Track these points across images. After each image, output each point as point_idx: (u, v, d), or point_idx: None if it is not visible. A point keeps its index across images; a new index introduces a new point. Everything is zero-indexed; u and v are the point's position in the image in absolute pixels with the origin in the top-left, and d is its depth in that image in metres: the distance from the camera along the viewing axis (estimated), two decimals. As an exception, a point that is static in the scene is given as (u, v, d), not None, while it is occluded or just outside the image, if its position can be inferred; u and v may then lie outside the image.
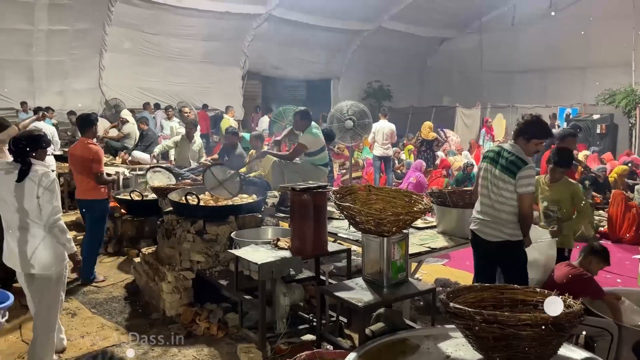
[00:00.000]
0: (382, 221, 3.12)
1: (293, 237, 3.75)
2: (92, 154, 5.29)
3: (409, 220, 3.22)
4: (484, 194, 3.72)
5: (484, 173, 3.74)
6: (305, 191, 3.61)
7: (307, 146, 6.03)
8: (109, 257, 6.29)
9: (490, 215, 3.67)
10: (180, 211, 4.74)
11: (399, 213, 3.19)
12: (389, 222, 3.12)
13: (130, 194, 6.66)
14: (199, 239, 4.51)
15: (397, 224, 3.16)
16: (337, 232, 4.59)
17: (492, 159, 3.72)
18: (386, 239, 3.17)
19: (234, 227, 4.57)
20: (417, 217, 3.37)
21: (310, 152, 6.07)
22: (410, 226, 3.41)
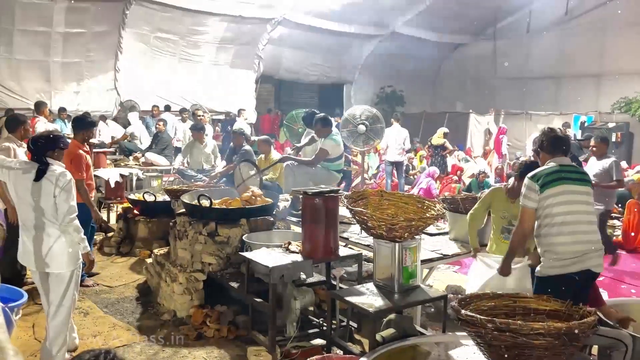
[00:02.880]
0: (394, 226, 3.11)
1: (304, 241, 3.75)
2: (74, 157, 4.96)
3: (421, 226, 3.21)
4: (582, 220, 3.20)
5: (570, 196, 3.21)
6: (317, 195, 3.62)
7: (330, 152, 6.08)
8: (121, 258, 6.34)
9: (597, 242, 3.24)
10: (193, 213, 4.76)
11: (411, 219, 3.18)
12: (401, 227, 3.11)
13: (143, 195, 6.71)
14: (210, 241, 4.53)
15: (409, 230, 3.15)
16: (349, 237, 4.58)
17: (569, 177, 3.25)
18: (398, 244, 3.16)
19: (246, 230, 4.59)
20: (430, 223, 3.36)
21: (329, 158, 6.10)
22: (422, 232, 3.39)
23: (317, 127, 6.26)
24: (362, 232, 4.37)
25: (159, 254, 5.18)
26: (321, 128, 6.18)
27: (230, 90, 16.04)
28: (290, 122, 10.60)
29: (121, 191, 7.78)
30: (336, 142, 6.13)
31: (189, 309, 4.44)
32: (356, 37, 17.39)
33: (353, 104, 16.20)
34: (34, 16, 12.64)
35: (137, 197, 6.79)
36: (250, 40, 15.86)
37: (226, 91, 16.01)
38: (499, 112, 16.18)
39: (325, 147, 6.06)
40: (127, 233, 6.64)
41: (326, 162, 6.12)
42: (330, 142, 6.08)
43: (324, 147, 6.06)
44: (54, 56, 13.37)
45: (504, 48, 17.91)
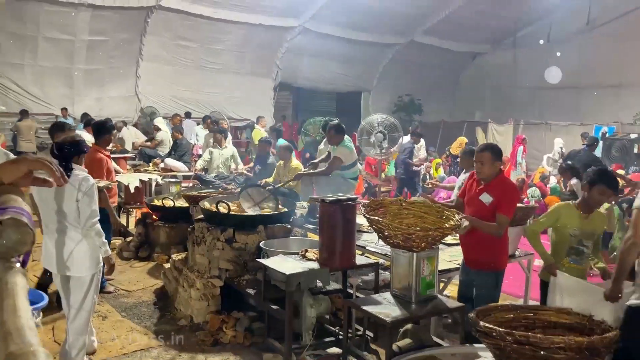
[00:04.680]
0: (410, 236, 3.09)
1: (321, 248, 3.75)
2: (95, 161, 5.06)
3: (438, 236, 3.18)
4: None
5: None
6: (334, 203, 3.62)
7: (343, 160, 6.09)
8: (140, 262, 6.41)
9: None
10: (211, 219, 4.80)
11: (428, 229, 3.16)
12: (418, 237, 3.09)
13: (162, 200, 6.78)
14: (228, 247, 4.56)
15: (426, 240, 3.13)
16: (366, 246, 4.57)
17: None
18: (415, 254, 3.14)
19: (263, 237, 4.61)
20: (447, 234, 3.33)
21: (346, 166, 6.12)
22: (440, 242, 3.37)
23: (329, 134, 6.29)
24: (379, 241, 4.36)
25: (177, 259, 5.22)
26: (334, 135, 6.20)
27: (249, 98, 16.19)
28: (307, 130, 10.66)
29: (140, 196, 7.86)
30: (349, 149, 6.15)
31: (205, 315, 4.46)
32: (375, 45, 17.44)
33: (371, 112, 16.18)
34: (58, 24, 12.93)
35: (156, 202, 6.87)
36: (268, 48, 16.01)
37: (244, 99, 16.16)
38: (518, 122, 16.05)
39: (338, 154, 6.08)
40: (146, 238, 6.71)
41: (341, 170, 6.14)
42: (343, 150, 6.09)
43: (337, 155, 6.08)
44: (77, 63, 13.65)
45: (524, 57, 17.77)
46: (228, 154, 8.88)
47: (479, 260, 3.81)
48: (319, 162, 6.64)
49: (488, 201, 3.75)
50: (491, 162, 3.80)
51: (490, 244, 3.76)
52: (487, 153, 3.82)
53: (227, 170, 8.71)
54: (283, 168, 7.50)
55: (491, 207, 3.74)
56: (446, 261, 4.26)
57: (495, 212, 3.71)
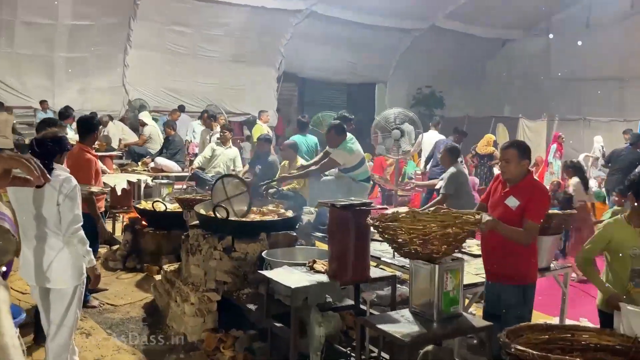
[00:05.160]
0: (427, 237, 3.08)
1: (331, 259, 3.75)
2: (83, 163, 5.11)
3: (460, 234, 3.16)
4: None
5: None
6: (346, 208, 3.62)
7: (340, 163, 6.15)
8: (127, 274, 6.44)
9: None
10: (207, 225, 4.82)
11: (448, 225, 3.15)
12: (436, 238, 3.08)
13: (153, 204, 6.80)
14: (226, 257, 4.57)
15: (447, 241, 3.11)
16: (381, 256, 4.57)
17: None
18: (437, 266, 3.13)
19: (265, 246, 4.62)
20: (468, 231, 3.30)
21: (349, 168, 6.14)
22: (463, 243, 3.35)
23: (329, 135, 6.33)
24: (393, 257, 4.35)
25: (169, 270, 5.25)
26: (335, 136, 6.25)
27: (250, 90, 16.22)
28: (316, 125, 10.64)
29: (128, 200, 7.90)
30: (348, 150, 6.20)
31: (200, 333, 4.48)
32: (391, 31, 17.42)
33: (386, 106, 16.17)
34: (37, 7, 12.98)
35: (145, 206, 6.90)
36: (271, 34, 16.04)
37: (245, 90, 16.20)
38: (553, 118, 15.96)
39: (335, 156, 6.15)
40: (134, 246, 6.74)
41: (347, 172, 6.19)
42: (340, 152, 6.15)
43: (333, 157, 6.14)
44: (58, 51, 13.73)
45: (560, 45, 17.67)
46: (231, 154, 8.93)
47: (503, 273, 3.79)
48: (313, 163, 6.66)
49: (514, 205, 3.73)
50: (517, 160, 3.79)
51: (515, 253, 3.74)
52: (512, 150, 3.81)
53: (227, 170, 8.74)
54: (288, 169, 7.52)
55: (518, 212, 3.72)
56: (472, 274, 4.24)
57: (522, 219, 3.69)
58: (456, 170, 6.29)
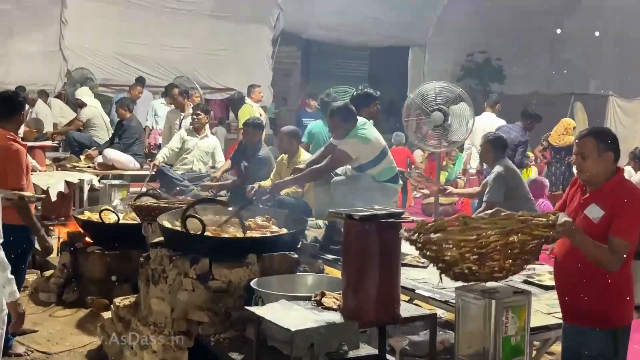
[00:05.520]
0: (485, 250, 3.07)
1: (346, 291, 3.74)
2: (10, 155, 5.14)
3: (528, 243, 3.16)
4: None
5: None
6: (367, 220, 3.61)
7: (351, 156, 6.12)
8: (64, 310, 6.45)
9: None
10: (176, 243, 4.83)
11: (512, 231, 3.15)
12: (497, 251, 3.07)
13: (100, 213, 6.81)
14: (201, 288, 4.57)
15: (512, 254, 3.12)
16: (415, 288, 4.55)
17: None
18: (494, 301, 3.13)
19: (255, 272, 4.61)
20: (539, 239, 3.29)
21: (365, 164, 6.12)
22: (534, 257, 3.33)
23: (334, 122, 6.34)
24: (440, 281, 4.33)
25: (122, 305, 5.25)
26: (340, 124, 6.25)
27: (235, 56, 16.23)
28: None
29: (66, 207, 7.93)
30: (361, 138, 6.20)
31: (165, 393, 4.48)
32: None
33: (424, 78, 16.13)
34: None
35: (90, 216, 6.90)
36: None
37: (228, 57, 16.22)
38: (657, 95, 15.89)
39: (344, 147, 6.12)
40: (74, 272, 6.75)
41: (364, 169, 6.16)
42: (350, 142, 6.13)
43: (342, 148, 6.13)
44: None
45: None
46: (208, 146, 8.95)
47: (584, 311, 3.75)
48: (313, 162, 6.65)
49: (597, 217, 3.67)
50: (597, 154, 3.74)
51: (601, 284, 3.69)
52: (590, 140, 3.77)
53: (204, 168, 8.77)
54: (287, 164, 7.52)
55: (602, 225, 3.67)
56: (542, 313, 4.22)
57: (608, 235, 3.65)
58: (504, 169, 6.28)
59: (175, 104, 11.13)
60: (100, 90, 14.05)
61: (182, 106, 10.73)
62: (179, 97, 10.98)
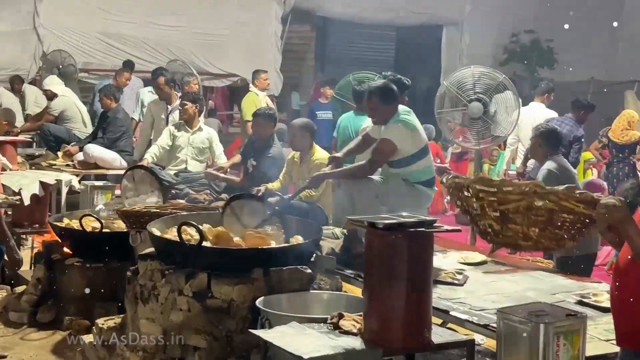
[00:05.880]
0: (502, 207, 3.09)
1: (368, 312, 3.74)
2: None
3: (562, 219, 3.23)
4: None
5: None
6: (394, 229, 3.61)
7: (397, 145, 6.08)
8: (39, 332, 6.45)
9: None
10: (168, 255, 4.85)
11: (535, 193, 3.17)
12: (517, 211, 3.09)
13: (80, 220, 6.84)
14: (198, 307, 4.58)
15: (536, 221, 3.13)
16: (450, 309, 4.54)
17: None
18: (543, 325, 3.12)
19: (262, 289, 4.62)
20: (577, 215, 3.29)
21: (405, 158, 6.08)
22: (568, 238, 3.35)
23: (371, 104, 6.29)
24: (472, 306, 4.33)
25: (106, 327, 5.27)
26: (381, 106, 6.21)
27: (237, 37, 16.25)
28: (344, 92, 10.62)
29: (41, 213, 7.95)
30: (408, 124, 6.19)
31: None
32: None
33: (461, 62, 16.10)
34: None
35: (69, 223, 6.92)
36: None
37: (230, 38, 16.23)
38: None
39: (388, 135, 6.07)
40: (50, 288, 6.77)
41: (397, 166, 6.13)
42: (395, 127, 6.09)
43: (386, 137, 6.07)
44: None
45: None
46: (202, 140, 8.95)
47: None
48: (351, 151, 6.63)
49: None
50: None
51: None
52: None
53: (201, 166, 8.77)
54: (299, 164, 7.53)
55: None
56: (599, 340, 4.19)
57: None
58: (556, 166, 6.25)
59: (160, 95, 10.66)
60: (81, 76, 14.10)
61: (169, 97, 10.40)
62: (165, 87, 10.52)
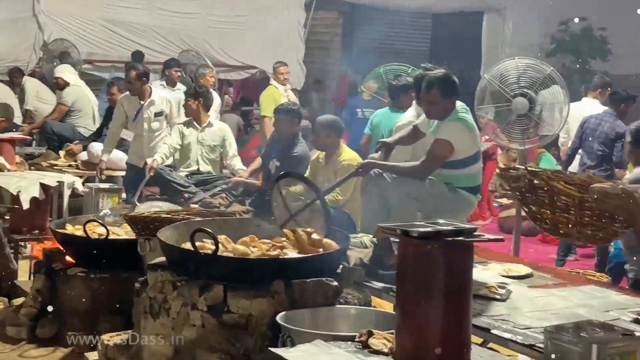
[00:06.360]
0: None
1: (401, 330, 3.74)
2: None
3: None
4: None
5: None
6: (430, 238, 3.60)
7: (454, 145, 6.06)
8: (38, 349, 6.49)
9: None
10: (181, 265, 4.87)
11: None
12: None
13: (84, 226, 6.87)
14: (213, 323, 4.59)
15: None
16: (491, 327, 4.52)
17: None
18: (596, 345, 3.11)
19: (283, 303, 4.62)
20: None
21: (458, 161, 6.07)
22: None
23: (429, 96, 6.26)
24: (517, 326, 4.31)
25: (112, 343, 5.28)
26: (440, 98, 6.17)
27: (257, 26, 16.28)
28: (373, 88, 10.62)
29: (42, 218, 7.98)
30: (468, 123, 6.16)
31: None
32: None
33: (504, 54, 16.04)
34: None
35: (72, 230, 6.95)
36: None
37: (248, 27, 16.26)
38: None
39: (445, 136, 6.05)
40: (52, 301, 6.79)
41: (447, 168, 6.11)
42: (454, 125, 6.07)
43: (442, 138, 6.06)
44: None
45: None
46: (213, 138, 8.95)
47: None
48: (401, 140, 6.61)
49: None
50: None
51: None
52: None
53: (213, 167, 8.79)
54: (325, 165, 7.53)
55: None
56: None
57: None
58: None
59: (131, 90, 10.24)
60: (85, 68, 14.16)
61: (142, 93, 10.08)
62: (137, 81, 10.12)
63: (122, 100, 10.49)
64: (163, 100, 10.06)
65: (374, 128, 8.75)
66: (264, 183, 8.26)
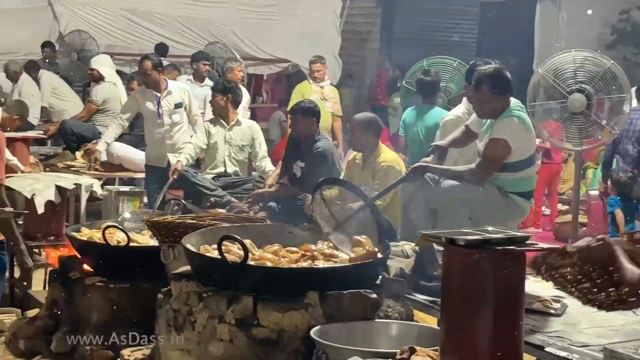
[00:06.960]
0: None
1: (446, 347, 3.74)
2: None
3: None
4: None
5: None
6: (478, 247, 3.59)
7: (512, 146, 6.05)
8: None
9: None
10: (207, 275, 4.89)
11: None
12: None
13: (104, 232, 6.91)
14: (242, 337, 4.60)
15: None
16: (545, 344, 4.51)
17: None
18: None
19: (317, 317, 4.63)
20: None
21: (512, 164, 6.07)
22: None
23: (480, 92, 6.24)
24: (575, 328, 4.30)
25: (133, 358, 5.30)
26: (490, 96, 6.15)
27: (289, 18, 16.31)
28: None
29: (58, 223, 8.03)
30: (524, 122, 6.14)
31: None
32: None
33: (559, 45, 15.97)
34: None
35: (90, 236, 6.99)
36: None
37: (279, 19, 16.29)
38: None
39: (500, 134, 6.03)
40: (68, 312, 6.84)
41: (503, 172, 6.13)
42: (512, 123, 6.06)
43: (498, 137, 6.04)
44: None
45: None
46: (242, 137, 8.97)
47: None
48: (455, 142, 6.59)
49: None
50: None
51: None
52: None
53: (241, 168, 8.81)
54: (362, 167, 7.52)
55: None
56: None
57: None
58: None
59: (146, 82, 10.23)
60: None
61: (158, 84, 10.05)
62: (153, 71, 10.07)
63: (135, 94, 10.50)
64: (180, 90, 10.05)
65: (407, 128, 8.73)
66: (291, 188, 8.21)
